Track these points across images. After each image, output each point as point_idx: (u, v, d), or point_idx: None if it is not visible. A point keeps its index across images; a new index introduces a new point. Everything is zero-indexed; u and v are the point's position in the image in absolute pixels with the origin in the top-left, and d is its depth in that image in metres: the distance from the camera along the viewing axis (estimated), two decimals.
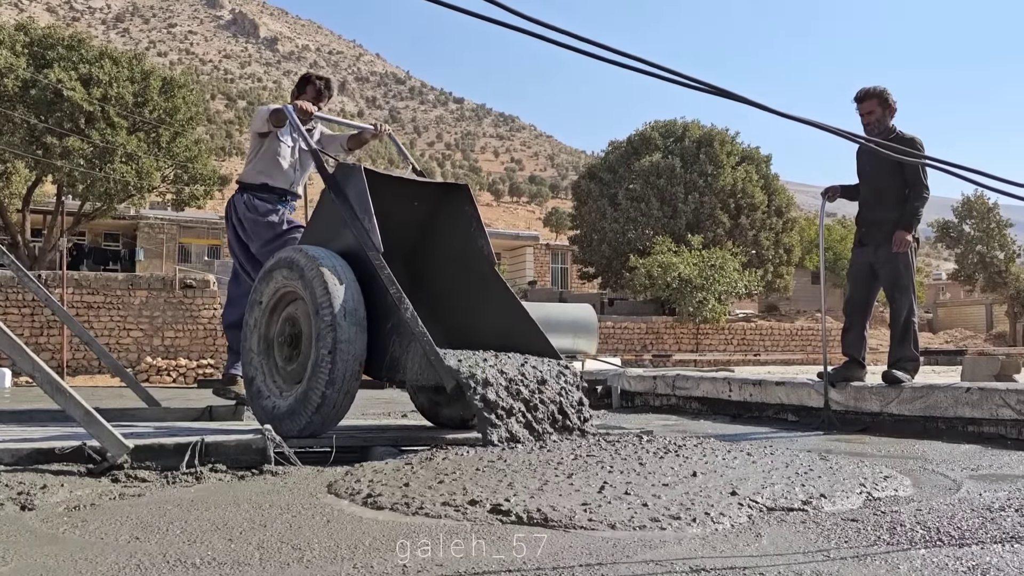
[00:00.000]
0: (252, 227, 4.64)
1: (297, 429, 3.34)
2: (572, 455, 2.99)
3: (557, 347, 10.66)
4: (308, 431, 3.33)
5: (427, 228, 4.08)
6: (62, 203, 24.27)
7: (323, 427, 3.35)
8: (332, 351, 3.25)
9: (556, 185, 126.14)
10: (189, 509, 2.27)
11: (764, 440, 4.16)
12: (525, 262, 39.37)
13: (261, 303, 3.77)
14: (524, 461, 2.86)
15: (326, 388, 3.27)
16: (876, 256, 5.06)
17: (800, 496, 2.37)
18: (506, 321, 3.79)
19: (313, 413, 3.30)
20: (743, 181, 30.53)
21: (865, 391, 5.02)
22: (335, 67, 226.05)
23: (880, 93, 5.00)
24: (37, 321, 17.47)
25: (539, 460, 2.88)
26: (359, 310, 3.33)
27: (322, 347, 3.27)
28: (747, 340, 27.64)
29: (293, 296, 3.64)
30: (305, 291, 3.42)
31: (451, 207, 4.01)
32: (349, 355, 3.29)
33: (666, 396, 6.92)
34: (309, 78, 4.89)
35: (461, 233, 3.94)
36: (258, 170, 4.69)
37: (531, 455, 2.99)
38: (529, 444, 3.20)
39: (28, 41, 21.89)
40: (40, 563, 1.72)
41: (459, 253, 3.95)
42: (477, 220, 3.93)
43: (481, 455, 3.06)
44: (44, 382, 2.71)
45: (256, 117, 4.73)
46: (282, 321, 3.71)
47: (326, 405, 3.29)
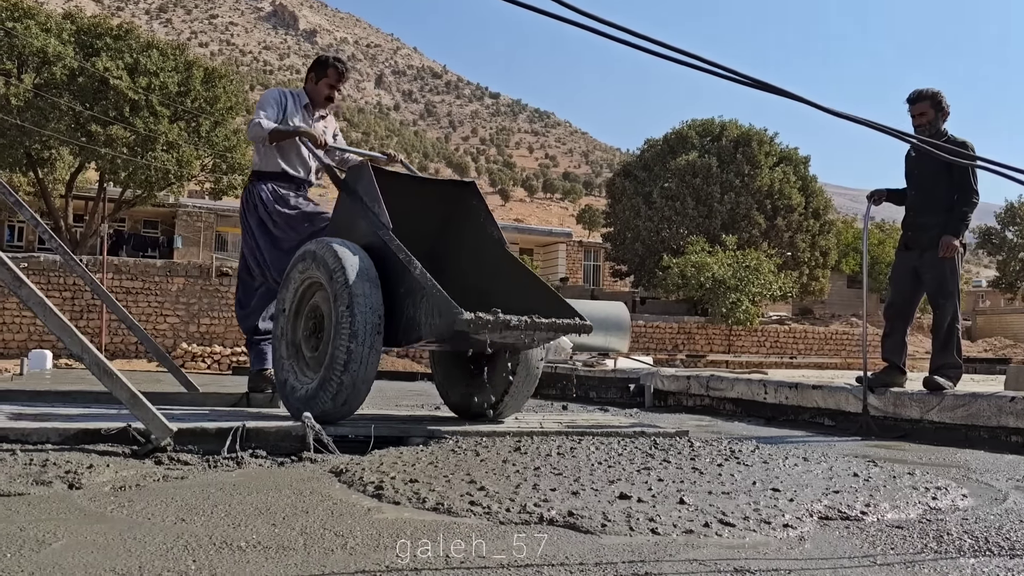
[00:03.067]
0: (286, 221, 4.44)
1: (330, 397, 3.35)
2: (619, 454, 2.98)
3: (589, 345, 10.71)
4: (341, 397, 3.33)
5: (444, 223, 4.26)
6: (104, 190, 24.74)
7: (354, 388, 3.35)
8: (350, 305, 3.31)
9: (590, 182, 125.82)
10: (232, 493, 2.30)
11: (818, 445, 4.11)
12: (557, 259, 39.31)
13: (285, 310, 3.84)
14: (590, 461, 2.85)
15: (350, 342, 3.29)
16: (921, 261, 4.98)
17: (859, 504, 2.33)
18: (522, 292, 3.84)
19: (342, 373, 3.31)
20: (780, 182, 30.21)
21: (905, 397, 4.94)
22: (373, 60, 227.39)
23: (934, 95, 4.91)
24: (77, 305, 17.80)
25: (597, 460, 2.87)
26: (371, 270, 3.44)
27: (340, 305, 3.35)
28: (780, 343, 27.38)
29: (313, 286, 3.72)
30: (319, 269, 3.53)
31: (463, 203, 4.21)
32: (367, 307, 3.34)
33: (700, 396, 6.87)
34: (327, 61, 4.70)
35: (472, 224, 4.14)
36: (278, 158, 4.50)
37: (571, 458, 2.98)
38: (563, 441, 3.19)
39: (75, 30, 22.30)
40: (90, 540, 1.75)
41: (473, 242, 4.14)
42: (486, 211, 4.12)
43: (518, 446, 3.06)
44: (92, 364, 2.76)
45: (251, 130, 4.43)
46: (305, 317, 3.81)
47: (353, 362, 3.30)
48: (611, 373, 8.64)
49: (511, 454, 3.04)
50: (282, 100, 4.55)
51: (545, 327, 3.38)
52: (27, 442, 2.80)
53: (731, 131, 31.47)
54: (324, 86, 4.64)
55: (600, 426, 4.04)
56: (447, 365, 4.25)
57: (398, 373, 13.87)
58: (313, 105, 4.67)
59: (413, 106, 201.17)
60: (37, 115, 21.10)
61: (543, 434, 3.70)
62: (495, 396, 3.94)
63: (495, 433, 3.61)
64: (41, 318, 2.73)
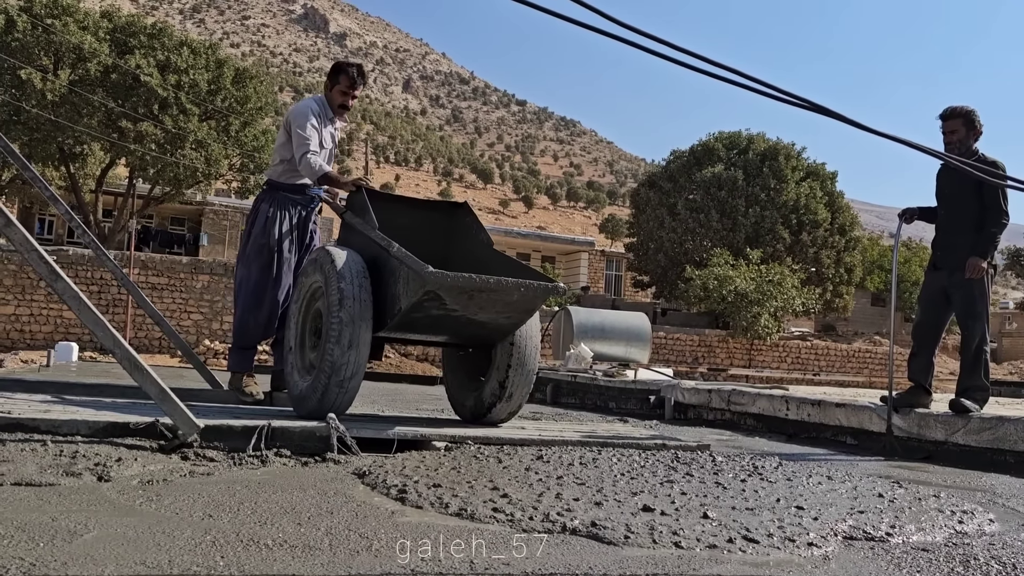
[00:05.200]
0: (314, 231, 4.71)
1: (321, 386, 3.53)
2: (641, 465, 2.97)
3: (610, 355, 10.72)
4: (337, 372, 3.49)
5: (446, 236, 4.67)
6: (133, 186, 25.04)
7: (349, 368, 3.52)
8: (340, 292, 3.55)
9: (614, 192, 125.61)
10: (257, 491, 2.32)
11: (841, 464, 4.08)
12: (579, 267, 39.27)
13: (295, 316, 4.11)
14: (612, 472, 2.85)
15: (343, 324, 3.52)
16: (950, 281, 4.93)
17: (884, 525, 2.31)
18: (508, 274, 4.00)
19: (333, 345, 3.50)
20: (807, 197, 30.01)
21: (930, 418, 4.89)
22: (401, 64, 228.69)
23: (967, 114, 4.87)
24: (104, 299, 18.01)
25: (623, 470, 2.87)
26: (359, 262, 3.72)
27: (332, 294, 3.58)
28: (801, 359, 27.15)
29: (317, 292, 3.93)
30: (317, 271, 3.83)
31: (459, 220, 4.63)
32: (350, 296, 3.56)
33: (720, 411, 6.83)
34: (342, 67, 4.61)
35: (467, 234, 4.53)
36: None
37: (591, 467, 2.98)
38: (586, 451, 3.19)
39: (111, 28, 22.63)
40: (120, 533, 1.77)
41: (468, 246, 4.51)
42: (477, 223, 4.50)
43: (540, 454, 3.07)
44: (123, 359, 2.80)
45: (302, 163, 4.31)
46: (312, 319, 4.05)
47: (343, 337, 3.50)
48: (631, 384, 8.62)
49: (533, 462, 3.05)
50: (320, 118, 4.51)
51: (512, 287, 3.55)
52: (57, 433, 2.84)
53: (758, 144, 31.32)
54: (337, 93, 4.59)
55: (621, 437, 4.04)
56: (455, 369, 4.50)
57: (417, 377, 13.91)
58: (332, 112, 4.65)
59: (440, 111, 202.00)
60: (71, 111, 21.40)
61: (564, 443, 3.70)
62: (494, 396, 4.07)
63: (516, 441, 3.62)
64: (75, 311, 2.77)
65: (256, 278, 4.47)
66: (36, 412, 3.00)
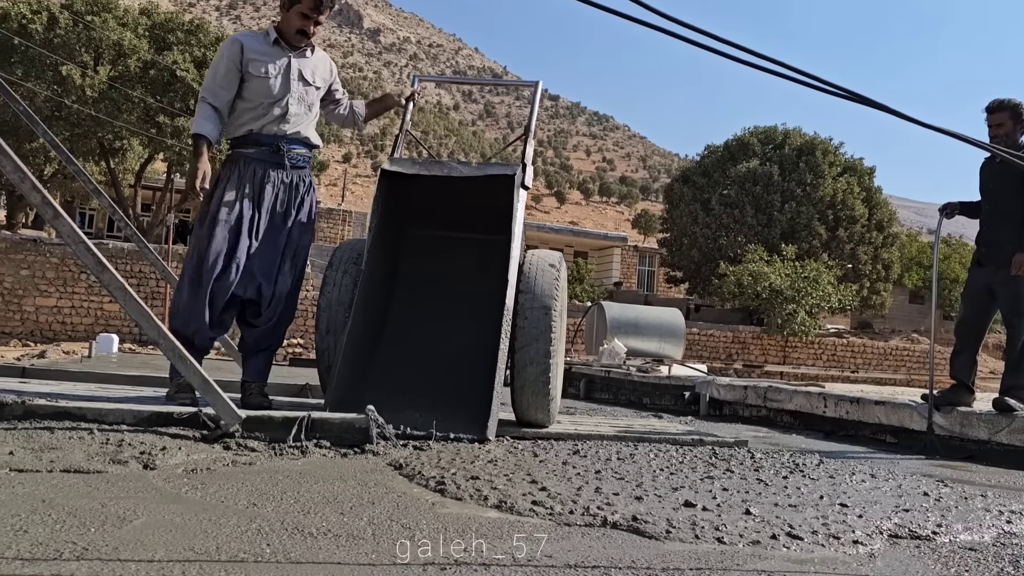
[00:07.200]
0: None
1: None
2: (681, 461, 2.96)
3: (644, 350, 10.65)
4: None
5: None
6: (171, 180, 25.40)
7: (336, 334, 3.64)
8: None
9: (647, 187, 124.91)
10: (299, 481, 2.34)
11: (882, 462, 4.02)
12: (612, 263, 39.11)
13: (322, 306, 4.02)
14: (651, 467, 2.84)
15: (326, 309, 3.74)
16: (995, 278, 4.83)
17: (931, 524, 2.27)
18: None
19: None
20: (844, 192, 29.61)
21: (973, 417, 4.80)
22: (435, 59, 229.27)
23: (1015, 106, 4.76)
24: (143, 291, 18.30)
25: (659, 466, 2.86)
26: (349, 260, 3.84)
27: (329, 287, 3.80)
28: (837, 356, 26.83)
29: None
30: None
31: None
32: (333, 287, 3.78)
33: (756, 407, 6.77)
34: None
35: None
36: None
37: (630, 463, 2.97)
38: (621, 447, 3.18)
39: (150, 24, 22.98)
40: (168, 520, 1.80)
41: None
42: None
43: (576, 448, 3.06)
44: (168, 349, 2.84)
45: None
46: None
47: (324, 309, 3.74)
48: (665, 380, 8.57)
49: (570, 456, 3.05)
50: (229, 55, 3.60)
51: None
52: (104, 422, 2.89)
53: (794, 139, 30.95)
54: (296, 15, 3.63)
55: (657, 432, 4.01)
56: None
57: None
58: (285, 40, 3.70)
59: (472, 106, 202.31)
60: (111, 106, 21.78)
61: (600, 438, 3.69)
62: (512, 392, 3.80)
63: (552, 435, 3.62)
64: (121, 303, 2.81)
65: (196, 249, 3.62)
66: (82, 401, 3.06)
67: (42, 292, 18.34)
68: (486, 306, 3.66)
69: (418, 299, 4.04)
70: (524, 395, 3.65)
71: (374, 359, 3.81)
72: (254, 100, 3.61)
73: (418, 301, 4.03)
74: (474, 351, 3.63)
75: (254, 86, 3.60)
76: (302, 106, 3.74)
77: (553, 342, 3.60)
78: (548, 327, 3.58)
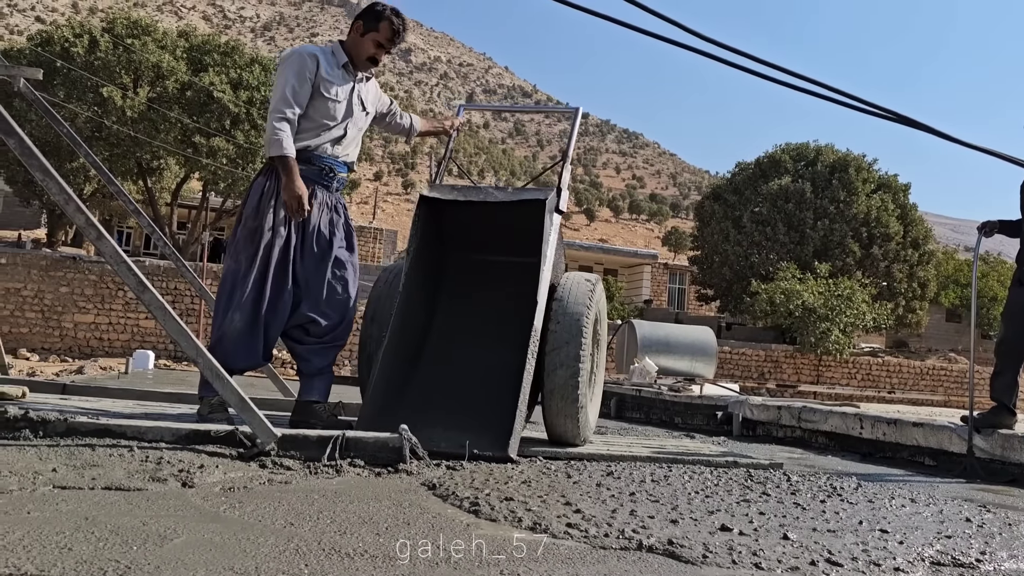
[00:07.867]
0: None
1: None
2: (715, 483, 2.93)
3: (675, 369, 10.66)
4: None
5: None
6: (206, 199, 25.81)
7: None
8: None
9: (677, 204, 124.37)
10: (335, 500, 2.36)
11: (921, 485, 3.95)
12: (642, 280, 38.98)
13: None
14: (686, 490, 2.82)
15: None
16: None
17: (974, 551, 2.22)
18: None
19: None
20: (878, 210, 29.24)
21: (1015, 440, 4.70)
22: (465, 78, 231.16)
23: None
24: (179, 308, 18.57)
25: (692, 488, 2.84)
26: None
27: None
28: (872, 375, 26.41)
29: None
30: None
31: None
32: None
33: (791, 428, 6.69)
34: (382, 13, 3.68)
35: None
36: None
37: (665, 484, 2.95)
38: (655, 469, 3.15)
39: (188, 47, 23.47)
40: (207, 539, 1.82)
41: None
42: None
43: (610, 470, 3.04)
44: (205, 367, 2.88)
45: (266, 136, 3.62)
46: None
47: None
48: (697, 399, 8.50)
49: (604, 478, 3.03)
50: (306, 69, 3.55)
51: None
52: (143, 439, 2.94)
53: (827, 156, 30.67)
54: (370, 42, 3.66)
55: (691, 453, 3.99)
56: None
57: None
58: (353, 64, 3.71)
59: (503, 124, 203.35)
60: (149, 127, 22.24)
61: (633, 459, 3.67)
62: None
63: (584, 456, 3.61)
64: (161, 322, 2.86)
65: (244, 271, 3.51)
66: (122, 419, 3.11)
67: (80, 309, 18.69)
68: (521, 329, 3.67)
69: (454, 321, 4.07)
70: (553, 400, 3.65)
71: (407, 379, 3.83)
72: (316, 119, 3.60)
73: (454, 323, 4.06)
74: (506, 372, 3.64)
75: (320, 105, 3.59)
76: (356, 131, 3.79)
77: (584, 346, 3.59)
78: (579, 331, 3.58)
